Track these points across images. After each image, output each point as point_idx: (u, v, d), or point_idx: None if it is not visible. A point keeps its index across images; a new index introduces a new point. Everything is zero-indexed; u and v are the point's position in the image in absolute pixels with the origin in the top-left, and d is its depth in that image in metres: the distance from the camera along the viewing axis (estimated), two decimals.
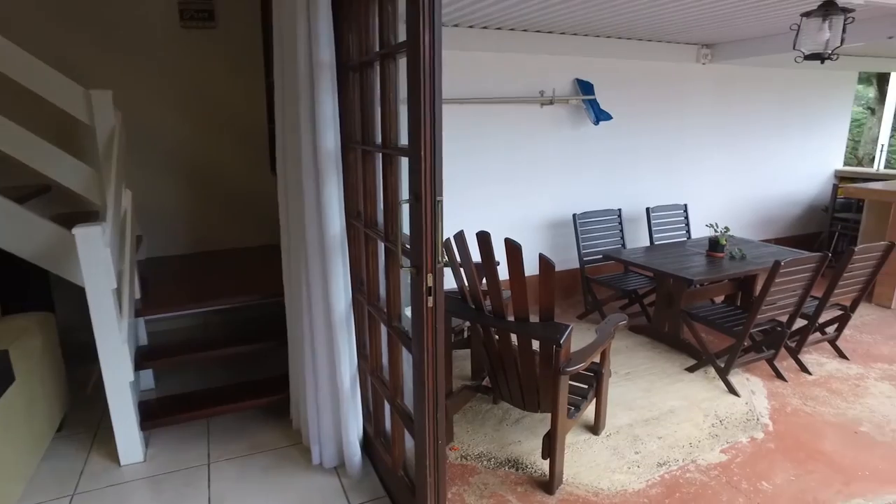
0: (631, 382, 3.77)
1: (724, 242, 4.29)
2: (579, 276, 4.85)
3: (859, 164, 11.99)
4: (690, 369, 3.92)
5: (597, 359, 2.98)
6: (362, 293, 2.42)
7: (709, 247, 4.36)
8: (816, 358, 4.15)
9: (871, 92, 13.29)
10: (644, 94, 5.40)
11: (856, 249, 3.60)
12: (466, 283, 2.74)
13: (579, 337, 4.43)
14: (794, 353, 3.97)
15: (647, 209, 5.11)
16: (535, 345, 2.66)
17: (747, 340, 3.65)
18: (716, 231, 4.36)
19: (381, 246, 2.20)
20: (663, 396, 3.59)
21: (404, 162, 1.83)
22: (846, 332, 4.27)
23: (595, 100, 5.02)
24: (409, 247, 1.80)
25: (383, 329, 2.29)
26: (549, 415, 2.67)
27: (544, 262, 2.37)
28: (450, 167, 4.64)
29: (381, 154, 2.05)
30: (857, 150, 13.27)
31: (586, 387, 3.04)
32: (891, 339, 4.55)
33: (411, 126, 1.63)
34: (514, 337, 2.70)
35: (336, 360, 2.34)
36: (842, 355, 4.18)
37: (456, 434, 3.20)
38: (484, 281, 2.70)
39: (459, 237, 2.68)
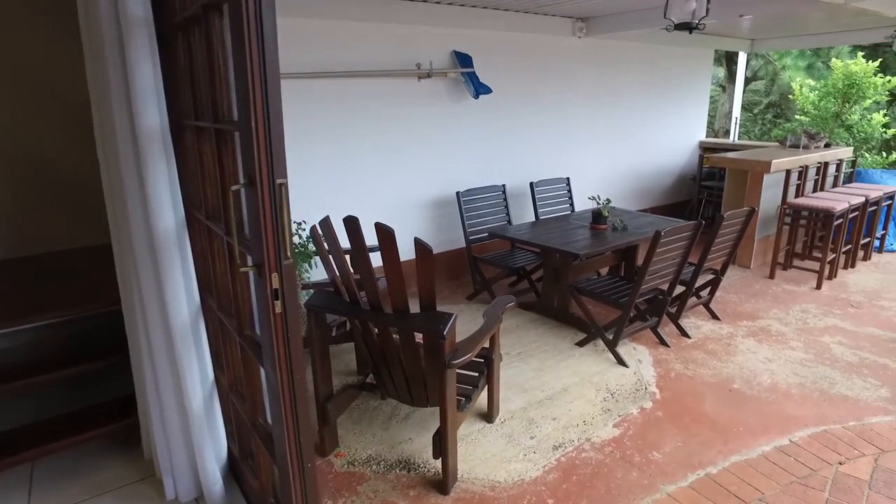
0: (523, 362, 3.69)
1: (607, 214, 4.32)
2: (467, 255, 4.70)
3: (716, 136, 13.00)
4: (580, 343, 3.91)
5: (487, 344, 2.83)
6: (212, 296, 2.05)
7: (592, 219, 4.37)
8: (694, 321, 4.31)
9: (722, 72, 14.57)
10: (523, 67, 5.31)
11: (724, 216, 3.73)
12: (338, 275, 2.45)
13: (469, 318, 4.29)
14: (675, 319, 4.09)
15: (531, 184, 5.06)
16: (419, 336, 2.44)
17: (632, 310, 3.68)
18: (598, 203, 4.38)
19: (226, 241, 1.84)
20: (556, 374, 3.53)
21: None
22: (716, 293, 4.48)
23: (474, 73, 4.85)
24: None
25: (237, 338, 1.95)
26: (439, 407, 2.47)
27: (420, 247, 2.13)
28: (319, 147, 4.31)
29: (214, 130, 1.70)
30: (714, 124, 14.46)
31: (477, 374, 2.88)
32: (752, 297, 4.85)
33: (239, 92, 1.31)
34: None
35: (182, 377, 1.97)
36: (714, 316, 4.38)
37: (341, 437, 2.92)
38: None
39: (325, 224, 2.37)
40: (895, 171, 6.60)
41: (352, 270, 2.46)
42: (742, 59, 8.21)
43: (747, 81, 15.91)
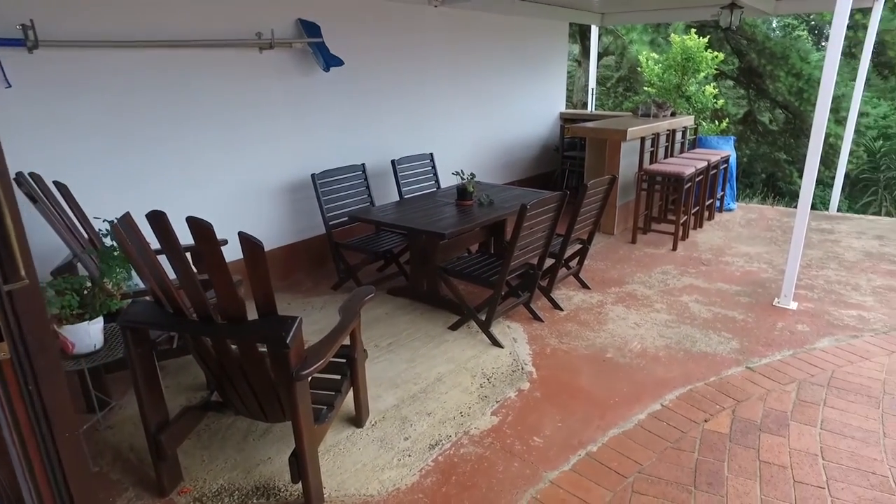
0: (394, 354, 3.42)
1: (472, 189, 4.14)
2: (328, 242, 4.32)
3: (575, 108, 13.55)
4: (453, 327, 3.72)
5: (348, 341, 2.52)
6: None
7: (457, 195, 4.17)
8: (565, 292, 4.30)
9: (577, 48, 15.27)
10: (378, 37, 4.96)
11: (588, 185, 3.70)
12: (155, 283, 2.00)
13: (336, 311, 3.94)
14: (547, 293, 4.04)
15: (393, 161, 4.76)
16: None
17: (504, 288, 3.55)
18: (462, 178, 4.19)
19: None
20: (429, 364, 3.31)
21: None
22: (585, 262, 4.52)
23: (323, 43, 4.41)
24: None
25: None
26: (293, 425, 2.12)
27: (247, 242, 1.75)
28: (141, 132, 3.65)
29: None
30: (573, 97, 15.11)
31: (339, 377, 2.56)
32: (617, 263, 4.98)
33: None
34: None
35: None
36: (585, 286, 4.41)
37: (187, 468, 2.48)
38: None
39: (126, 222, 1.90)
40: (727, 137, 7.17)
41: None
42: (594, 33, 8.46)
43: (599, 56, 16.78)
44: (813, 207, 4.35)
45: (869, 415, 2.82)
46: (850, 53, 11.74)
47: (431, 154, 5.16)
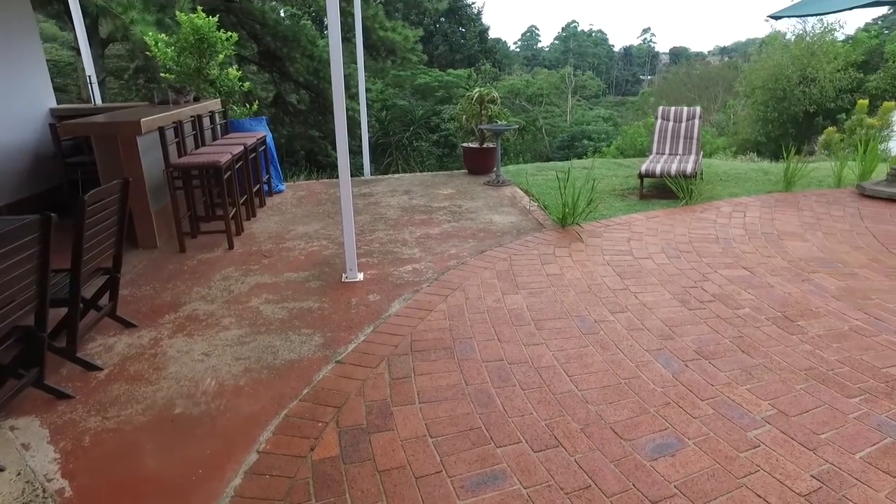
0: None
1: None
2: None
3: (85, 102, 11.30)
4: None
5: None
6: None
7: None
8: (103, 342, 3.21)
9: (71, 35, 12.82)
10: None
11: (86, 198, 2.70)
12: None
13: None
14: (71, 354, 2.90)
15: None
16: None
17: None
18: None
19: None
20: None
21: None
22: (122, 293, 3.50)
23: None
24: None
25: None
26: None
27: None
28: None
29: None
30: (81, 92, 12.68)
31: None
32: (168, 281, 4.07)
33: None
34: None
35: None
36: (128, 324, 3.39)
37: None
38: None
39: None
40: (259, 118, 6.92)
41: None
42: (75, 8, 6.82)
43: (104, 44, 14.51)
44: (351, 175, 4.39)
45: (450, 368, 2.89)
46: (347, 38, 13.17)
47: None
